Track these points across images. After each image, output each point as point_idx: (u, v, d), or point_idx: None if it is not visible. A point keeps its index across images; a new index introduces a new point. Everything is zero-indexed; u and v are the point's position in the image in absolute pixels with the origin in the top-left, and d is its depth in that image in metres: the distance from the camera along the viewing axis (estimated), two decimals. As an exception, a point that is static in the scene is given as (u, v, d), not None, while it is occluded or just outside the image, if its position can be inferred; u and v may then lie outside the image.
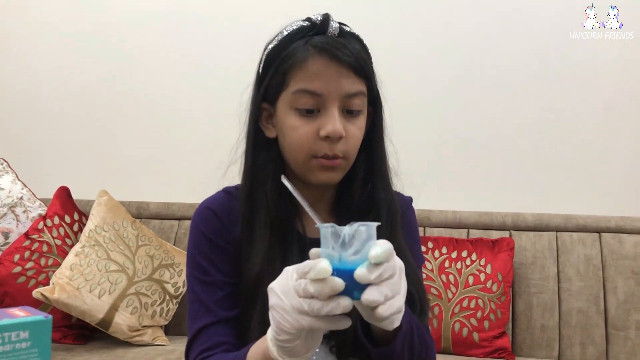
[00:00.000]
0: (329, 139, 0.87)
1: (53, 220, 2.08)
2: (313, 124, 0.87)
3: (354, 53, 0.88)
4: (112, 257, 1.99)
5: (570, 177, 2.27)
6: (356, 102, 0.89)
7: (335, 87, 0.87)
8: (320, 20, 0.90)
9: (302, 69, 0.87)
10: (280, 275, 0.70)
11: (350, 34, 0.91)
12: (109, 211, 2.10)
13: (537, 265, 2.07)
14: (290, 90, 0.88)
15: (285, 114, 0.89)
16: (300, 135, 0.88)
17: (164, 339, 1.99)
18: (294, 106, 0.88)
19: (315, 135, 0.87)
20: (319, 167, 0.89)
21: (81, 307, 1.86)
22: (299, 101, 0.87)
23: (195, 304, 0.93)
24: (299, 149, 0.88)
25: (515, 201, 2.25)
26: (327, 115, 0.87)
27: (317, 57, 0.87)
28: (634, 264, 2.03)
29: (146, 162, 2.51)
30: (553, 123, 2.28)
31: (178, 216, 2.33)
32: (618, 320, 1.99)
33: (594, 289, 2.03)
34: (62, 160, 2.56)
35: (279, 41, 0.92)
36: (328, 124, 0.86)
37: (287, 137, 0.90)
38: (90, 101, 2.56)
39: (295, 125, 0.88)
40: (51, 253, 2.02)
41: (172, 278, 2.07)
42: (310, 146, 0.87)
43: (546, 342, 2.01)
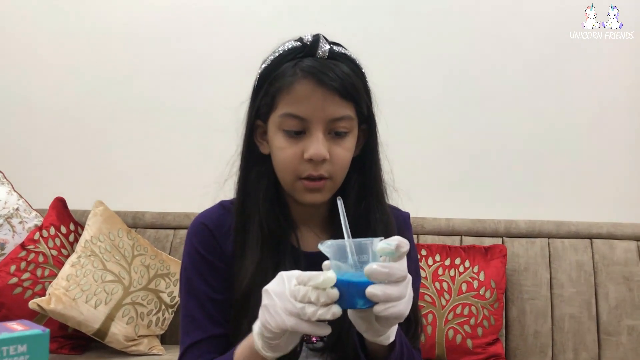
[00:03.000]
0: (312, 162, 0.89)
1: (49, 230, 2.09)
2: (298, 146, 0.89)
3: (341, 77, 0.89)
4: (108, 267, 2.00)
5: (562, 184, 2.29)
6: (342, 124, 0.90)
7: (320, 111, 0.88)
8: (310, 42, 0.91)
9: (289, 93, 0.89)
10: (274, 279, 0.75)
11: (341, 55, 0.92)
12: (104, 221, 2.11)
13: (530, 272, 2.09)
14: (278, 112, 0.90)
15: (274, 134, 0.92)
16: (286, 156, 0.90)
17: (160, 349, 2.00)
18: (281, 127, 0.90)
19: (300, 157, 0.89)
20: (303, 188, 0.91)
21: (77, 318, 1.87)
22: (285, 123, 0.90)
23: (186, 319, 0.95)
24: (285, 169, 0.91)
25: (507, 208, 2.27)
26: (311, 138, 0.89)
27: (303, 81, 0.88)
28: (625, 270, 2.05)
29: (142, 172, 2.52)
30: (545, 131, 2.30)
31: (173, 226, 2.34)
32: (610, 326, 2.01)
33: (586, 295, 2.05)
34: (58, 171, 2.57)
35: (271, 61, 0.93)
36: (311, 147, 0.88)
37: (275, 156, 0.92)
38: (86, 112, 2.58)
39: (282, 146, 0.90)
40: (47, 264, 2.03)
41: (168, 287, 2.08)
42: (296, 167, 0.90)
43: (539, 347, 2.02)
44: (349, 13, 2.40)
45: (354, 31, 2.28)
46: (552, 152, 2.30)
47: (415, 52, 2.37)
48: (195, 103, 2.50)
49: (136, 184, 2.52)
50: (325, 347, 0.94)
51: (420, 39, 2.37)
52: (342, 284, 0.71)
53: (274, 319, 0.72)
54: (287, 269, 0.92)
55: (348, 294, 0.71)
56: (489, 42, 2.33)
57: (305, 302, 0.70)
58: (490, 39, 2.33)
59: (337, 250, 0.72)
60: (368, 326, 0.75)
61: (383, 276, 0.69)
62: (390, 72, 2.32)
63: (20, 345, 0.64)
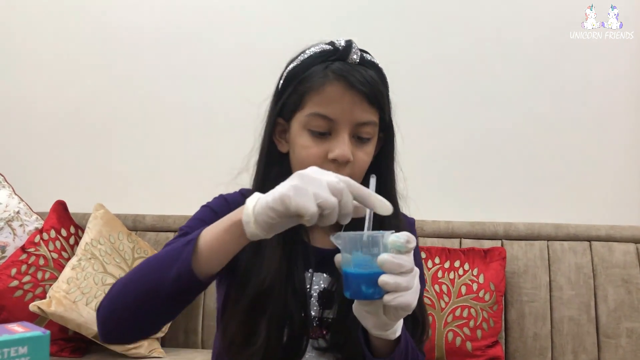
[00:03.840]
0: (336, 162, 0.90)
1: (49, 233, 2.10)
2: (323, 146, 0.91)
3: (371, 83, 0.91)
4: (108, 270, 2.00)
5: (561, 186, 2.30)
6: (367, 130, 0.92)
7: (348, 114, 0.90)
8: (343, 47, 0.93)
9: (319, 93, 0.91)
10: (311, 168, 0.73)
11: (370, 62, 0.95)
12: (104, 224, 2.12)
13: (529, 274, 2.10)
14: (305, 111, 0.92)
15: (298, 132, 0.93)
16: (310, 155, 0.91)
17: (160, 351, 2.00)
18: (307, 127, 0.92)
19: (324, 157, 0.91)
20: None
21: (77, 320, 1.87)
22: (312, 123, 0.91)
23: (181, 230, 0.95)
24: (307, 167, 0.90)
25: (507, 211, 2.28)
26: (337, 139, 0.90)
27: (334, 83, 0.90)
28: (623, 272, 2.06)
29: (142, 175, 2.53)
30: (544, 134, 2.31)
31: (174, 228, 2.35)
32: (609, 328, 2.01)
33: (585, 297, 2.05)
34: (58, 174, 2.57)
35: (301, 62, 0.95)
36: (337, 148, 0.90)
37: (297, 154, 0.93)
38: (85, 115, 2.59)
39: (306, 145, 0.91)
40: (48, 266, 2.04)
41: (168, 290, 2.08)
42: (318, 167, 0.88)
43: (539, 350, 2.03)
44: (351, 13, 2.41)
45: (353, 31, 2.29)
46: (551, 155, 2.31)
47: (413, 53, 2.38)
48: (195, 106, 2.51)
49: (136, 187, 2.53)
50: (329, 347, 0.94)
51: (418, 40, 2.38)
52: (354, 275, 0.74)
53: (300, 200, 0.68)
54: (298, 265, 0.94)
55: (359, 284, 0.74)
56: (489, 43, 2.34)
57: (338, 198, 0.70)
58: (490, 40, 2.34)
59: (349, 242, 0.75)
60: (376, 320, 0.76)
61: (394, 266, 0.71)
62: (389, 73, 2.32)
63: (21, 347, 0.65)
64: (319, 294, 0.96)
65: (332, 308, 0.95)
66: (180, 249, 0.79)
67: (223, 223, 0.78)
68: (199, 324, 2.19)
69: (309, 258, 0.96)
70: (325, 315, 0.95)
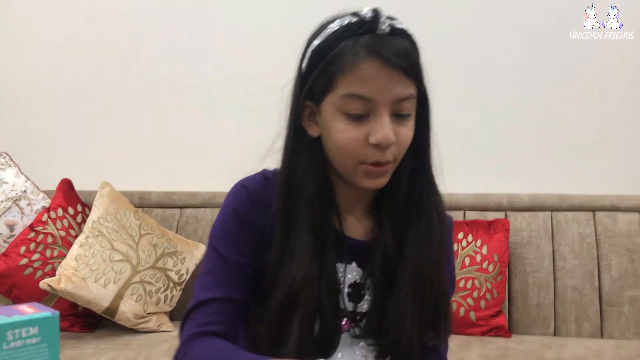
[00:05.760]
0: (378, 146, 0.83)
1: (57, 212, 2.12)
2: (362, 129, 0.83)
3: (406, 54, 0.83)
4: (115, 247, 2.03)
5: (565, 157, 2.29)
6: (406, 105, 0.85)
7: (386, 92, 0.82)
8: (370, 18, 0.84)
9: (352, 73, 0.82)
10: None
11: (401, 31, 0.86)
12: (111, 202, 2.14)
13: (533, 245, 2.11)
14: (338, 93, 0.83)
15: (332, 116, 0.85)
16: (349, 140, 0.84)
17: (169, 325, 2.04)
18: (342, 110, 0.84)
19: (364, 141, 0.83)
20: (366, 173, 0.86)
21: (87, 297, 1.91)
22: (347, 105, 0.83)
23: (207, 276, 0.90)
24: (346, 153, 0.85)
25: (511, 182, 2.28)
26: (378, 121, 0.83)
27: (367, 59, 0.82)
28: (627, 242, 2.07)
29: (147, 152, 2.54)
30: (548, 105, 2.30)
31: (180, 205, 2.37)
32: (612, 297, 2.03)
33: (589, 267, 2.06)
34: (63, 153, 2.59)
35: (325, 39, 0.86)
36: (378, 131, 0.83)
37: (333, 140, 0.86)
38: (90, 93, 2.59)
39: (343, 129, 0.84)
40: (56, 244, 2.07)
41: (176, 266, 2.11)
42: (359, 152, 0.84)
43: (542, 319, 2.05)
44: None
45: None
46: (555, 125, 2.30)
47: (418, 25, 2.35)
48: (198, 82, 2.50)
49: (142, 164, 2.54)
50: (363, 334, 0.91)
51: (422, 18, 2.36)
52: None
53: None
54: (330, 253, 0.89)
55: None
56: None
57: None
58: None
59: None
60: None
61: None
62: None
63: (32, 327, 0.66)
64: (350, 286, 0.92)
65: (362, 301, 0.92)
66: None
67: None
68: (206, 298, 2.22)
69: (342, 249, 0.90)
70: (358, 308, 0.92)
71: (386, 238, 0.90)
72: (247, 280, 0.90)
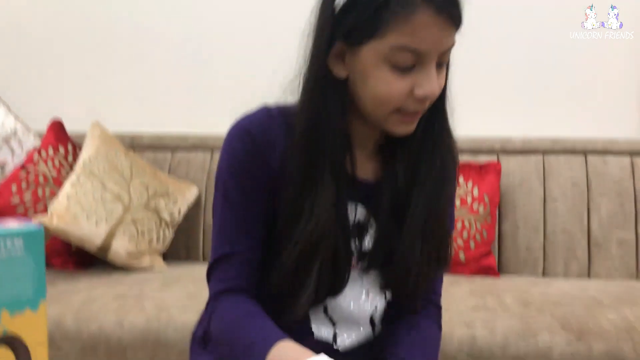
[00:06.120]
0: (422, 99, 0.81)
1: (48, 151, 2.12)
2: (407, 81, 0.80)
3: (455, 2, 0.80)
4: (107, 187, 2.03)
5: (558, 100, 2.29)
6: (448, 54, 0.83)
7: (437, 44, 0.80)
8: None
9: (407, 23, 0.77)
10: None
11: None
12: (102, 143, 2.13)
13: (524, 188, 2.12)
14: (387, 42, 0.78)
15: (374, 64, 0.80)
16: (392, 91, 0.81)
17: (162, 265, 2.06)
18: (388, 60, 0.79)
19: (408, 93, 0.81)
20: (400, 121, 0.84)
21: (79, 235, 1.92)
22: (396, 57, 0.79)
23: (220, 227, 0.90)
24: (385, 103, 0.82)
25: (503, 125, 2.27)
26: (425, 73, 0.80)
27: (424, 9, 0.77)
28: (617, 185, 2.08)
29: (138, 94, 2.51)
30: (541, 48, 2.28)
31: (171, 147, 2.36)
32: (600, 239, 2.05)
33: (579, 209, 2.08)
34: (53, 93, 2.56)
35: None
36: (427, 85, 0.80)
37: (373, 88, 0.82)
38: (80, 32, 2.54)
39: (387, 80, 0.80)
40: (47, 184, 2.07)
41: (168, 206, 2.12)
42: (400, 103, 0.82)
43: (531, 261, 2.08)
44: None
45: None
46: (548, 69, 2.28)
47: None
48: (191, 23, 2.46)
49: (133, 106, 2.52)
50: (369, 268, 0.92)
51: None
52: None
53: None
54: (343, 197, 0.88)
55: None
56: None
57: None
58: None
59: None
60: None
61: None
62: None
63: (17, 239, 0.67)
64: (354, 225, 0.92)
65: (365, 238, 0.92)
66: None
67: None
68: (199, 239, 2.24)
69: (354, 191, 0.89)
70: (363, 246, 0.93)
71: (399, 177, 0.90)
72: (262, 227, 0.90)
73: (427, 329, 0.96)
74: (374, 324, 0.96)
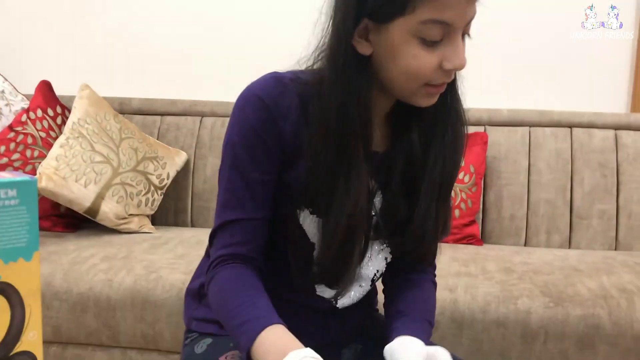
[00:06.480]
0: (451, 71, 0.82)
1: (36, 113, 2.11)
2: (436, 54, 0.81)
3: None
4: (96, 148, 2.03)
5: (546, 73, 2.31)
6: (470, 24, 0.83)
7: (464, 15, 0.80)
8: None
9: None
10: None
11: None
12: (91, 105, 2.13)
13: (510, 159, 2.15)
14: (416, 17, 0.78)
15: (403, 40, 0.80)
16: (421, 65, 0.81)
17: (151, 227, 2.08)
18: (418, 35, 0.80)
19: (437, 66, 0.81)
20: (427, 93, 0.85)
21: (68, 196, 1.92)
22: (426, 31, 0.79)
23: (228, 193, 0.90)
24: (415, 77, 0.82)
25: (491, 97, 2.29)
26: (453, 45, 0.81)
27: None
28: (601, 157, 2.12)
29: (127, 59, 2.50)
30: (528, 23, 2.29)
31: (160, 112, 2.36)
32: (582, 210, 2.09)
33: (562, 181, 2.12)
34: (42, 56, 2.53)
35: None
36: (456, 57, 0.81)
37: (402, 64, 0.82)
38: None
39: (417, 54, 0.81)
40: (36, 145, 2.06)
41: (156, 170, 2.13)
42: (429, 76, 0.82)
43: (514, 230, 2.12)
44: None
45: None
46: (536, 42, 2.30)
47: None
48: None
49: (122, 71, 2.51)
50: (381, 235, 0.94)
51: None
52: None
53: None
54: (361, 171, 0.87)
55: None
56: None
57: None
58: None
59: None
60: None
61: None
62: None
63: (10, 189, 0.68)
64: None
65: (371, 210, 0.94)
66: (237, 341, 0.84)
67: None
68: (188, 204, 2.26)
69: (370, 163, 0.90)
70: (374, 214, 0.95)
71: (414, 146, 0.91)
72: (270, 196, 0.90)
73: (426, 286, 1.00)
74: (373, 281, 1.01)
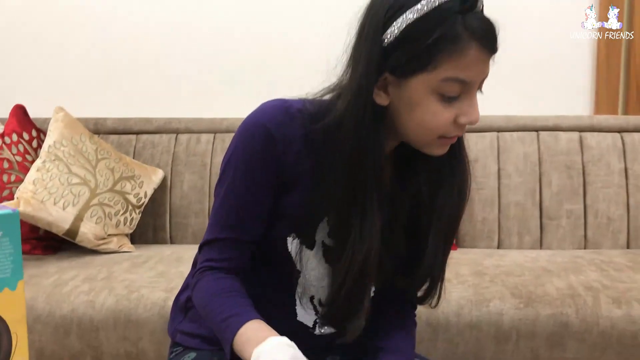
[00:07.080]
0: (465, 125, 0.86)
1: (11, 137, 2.12)
2: (452, 110, 0.84)
3: (496, 35, 0.86)
4: (73, 170, 2.05)
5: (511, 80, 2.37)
6: (484, 81, 0.88)
7: (482, 73, 0.85)
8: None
9: (460, 57, 0.81)
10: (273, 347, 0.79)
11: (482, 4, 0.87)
12: (66, 127, 2.14)
13: (480, 164, 2.21)
14: (438, 75, 0.82)
15: (422, 95, 0.84)
16: (439, 121, 0.84)
17: (130, 246, 2.09)
18: (437, 91, 0.83)
19: (453, 121, 0.85)
20: (441, 144, 0.88)
21: (47, 219, 1.94)
22: (446, 88, 0.83)
23: (222, 211, 0.93)
24: (431, 131, 0.86)
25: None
26: (470, 102, 0.85)
27: (474, 44, 0.82)
28: (567, 159, 2.19)
29: (100, 79, 2.51)
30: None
31: (135, 131, 2.37)
32: (551, 211, 2.16)
33: (531, 184, 2.18)
34: (14, 80, 2.53)
35: (424, 14, 0.81)
36: (471, 113, 0.85)
37: (419, 118, 0.85)
38: (40, 17, 2.52)
39: (435, 110, 0.84)
40: (13, 169, 2.07)
41: (134, 189, 2.15)
42: (443, 130, 0.86)
43: (487, 233, 2.18)
44: None
45: None
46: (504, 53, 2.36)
47: None
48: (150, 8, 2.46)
49: (96, 91, 2.52)
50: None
51: None
52: None
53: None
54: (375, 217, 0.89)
55: None
56: None
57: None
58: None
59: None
60: None
61: None
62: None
63: (-7, 223, 0.71)
64: None
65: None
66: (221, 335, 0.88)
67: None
68: (166, 220, 2.28)
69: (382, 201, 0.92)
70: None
71: (422, 187, 0.95)
72: (262, 221, 0.93)
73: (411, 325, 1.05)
74: None
